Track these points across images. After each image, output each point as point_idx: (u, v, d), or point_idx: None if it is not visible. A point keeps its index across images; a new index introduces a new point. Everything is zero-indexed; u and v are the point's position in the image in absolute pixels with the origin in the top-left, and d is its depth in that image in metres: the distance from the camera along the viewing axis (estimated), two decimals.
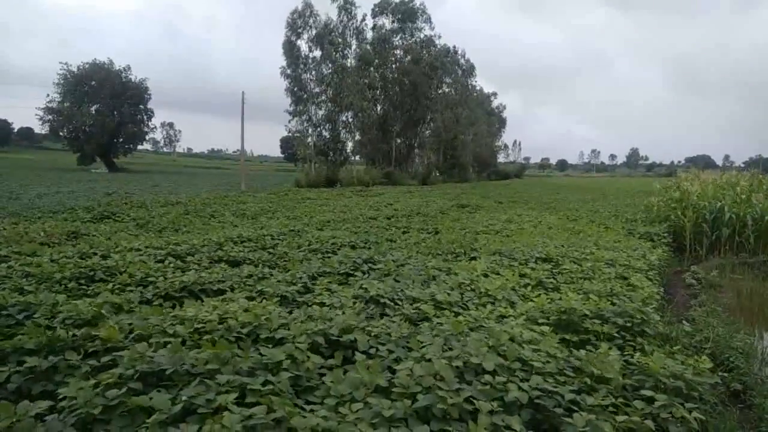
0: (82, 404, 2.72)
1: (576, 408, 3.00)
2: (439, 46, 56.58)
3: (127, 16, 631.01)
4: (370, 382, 3.03)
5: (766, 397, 4.46)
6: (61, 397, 2.84)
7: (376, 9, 53.04)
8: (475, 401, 2.85)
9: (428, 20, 54.21)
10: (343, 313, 4.63)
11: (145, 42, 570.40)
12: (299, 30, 44.35)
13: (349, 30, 46.66)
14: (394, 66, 53.21)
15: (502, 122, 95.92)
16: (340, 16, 45.94)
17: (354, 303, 5.18)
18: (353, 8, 46.38)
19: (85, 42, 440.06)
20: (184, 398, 2.73)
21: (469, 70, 67.86)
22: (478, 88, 75.33)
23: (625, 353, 4.08)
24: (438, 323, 4.38)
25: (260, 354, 3.42)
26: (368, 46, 49.54)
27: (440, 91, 57.56)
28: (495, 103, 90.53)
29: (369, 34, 50.00)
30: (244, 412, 2.56)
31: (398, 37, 53.60)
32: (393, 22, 53.36)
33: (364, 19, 47.08)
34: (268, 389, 2.91)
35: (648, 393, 3.34)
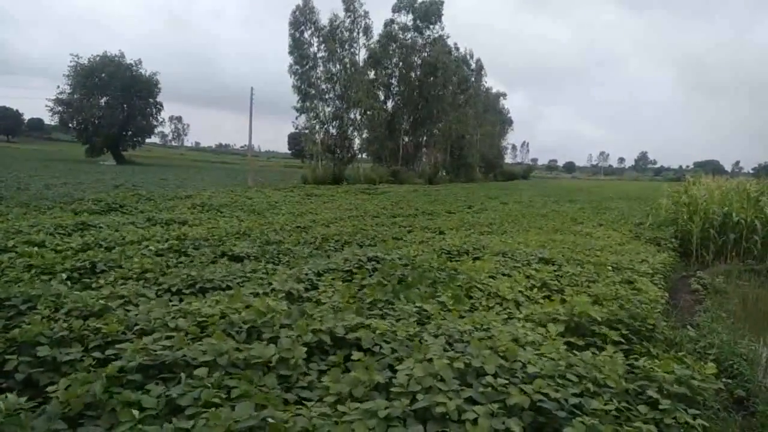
0: (67, 399, 2.71)
1: (578, 412, 2.98)
2: (449, 46, 56.42)
3: (136, 8, 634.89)
4: (368, 381, 3.02)
5: None
6: (51, 391, 2.84)
7: (397, 5, 52.79)
8: (473, 407, 2.81)
9: (439, 19, 54.02)
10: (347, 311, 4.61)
11: (153, 35, 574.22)
12: (302, 27, 44.15)
13: (356, 27, 46.40)
14: (402, 64, 53.00)
15: (508, 122, 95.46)
16: (346, 13, 45.72)
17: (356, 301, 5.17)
18: (358, 6, 46.03)
19: (92, 34, 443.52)
20: (171, 395, 2.73)
21: (478, 70, 67.68)
22: (489, 88, 75.25)
23: (630, 357, 4.05)
24: (443, 323, 4.35)
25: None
26: (375, 45, 49.22)
27: (448, 90, 57.27)
28: (503, 103, 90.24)
29: (376, 32, 49.61)
30: (237, 409, 2.56)
31: (409, 36, 53.36)
32: (414, 20, 52.99)
33: (366, 16, 46.69)
34: (256, 389, 2.90)
35: (653, 396, 3.31)
